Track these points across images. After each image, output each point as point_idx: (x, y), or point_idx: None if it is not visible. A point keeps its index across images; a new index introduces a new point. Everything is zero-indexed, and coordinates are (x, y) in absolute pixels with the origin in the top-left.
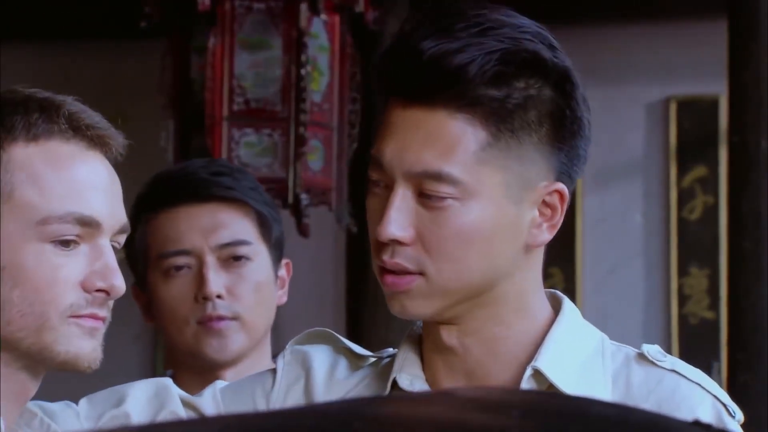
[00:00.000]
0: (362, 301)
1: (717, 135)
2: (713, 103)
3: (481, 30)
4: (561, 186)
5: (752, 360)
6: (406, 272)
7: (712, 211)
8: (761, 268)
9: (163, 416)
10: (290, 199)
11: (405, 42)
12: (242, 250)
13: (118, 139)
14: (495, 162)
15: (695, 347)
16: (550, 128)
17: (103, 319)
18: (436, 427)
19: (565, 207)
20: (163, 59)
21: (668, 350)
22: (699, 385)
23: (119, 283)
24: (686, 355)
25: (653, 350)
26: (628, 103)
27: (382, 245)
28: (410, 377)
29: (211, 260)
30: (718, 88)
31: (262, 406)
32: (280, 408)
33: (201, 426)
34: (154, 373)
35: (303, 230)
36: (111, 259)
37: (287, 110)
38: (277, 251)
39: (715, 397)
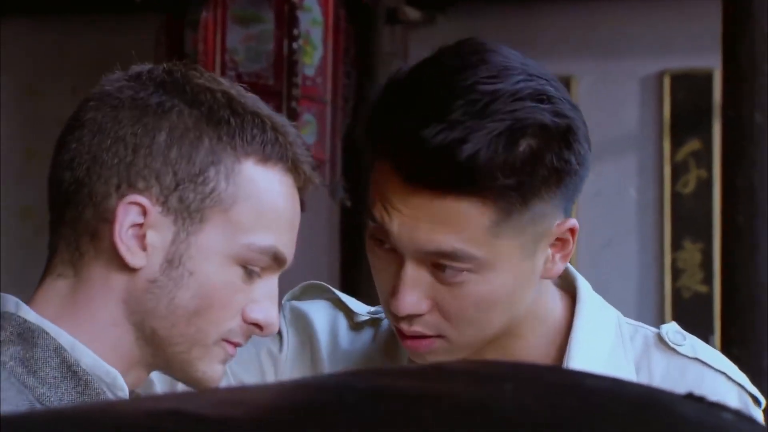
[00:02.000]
0: (357, 275)
1: (711, 109)
2: (707, 77)
3: (479, 109)
4: (572, 222)
5: (745, 334)
6: (426, 336)
7: (705, 185)
8: (755, 242)
9: (181, 387)
10: None
11: (402, 125)
12: None
13: (316, 181)
14: (508, 233)
15: (689, 321)
16: (557, 180)
17: (238, 347)
18: (431, 400)
19: (576, 237)
20: (157, 34)
21: (662, 324)
22: (724, 374)
23: (277, 322)
24: None
25: (672, 332)
26: (623, 77)
27: (397, 316)
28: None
29: None
30: (713, 62)
31: (269, 370)
32: (269, 382)
33: (197, 399)
34: None
35: None
36: (276, 298)
37: (279, 84)
38: None
39: (740, 386)
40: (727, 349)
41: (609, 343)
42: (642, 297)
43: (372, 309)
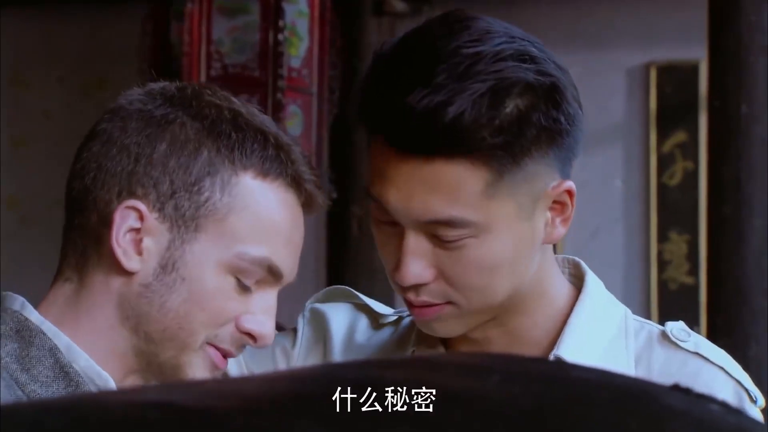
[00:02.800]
0: (343, 266)
1: (697, 100)
2: (693, 68)
3: (462, 71)
4: (568, 184)
5: (731, 325)
6: (434, 304)
7: (692, 176)
8: (741, 233)
9: None
10: None
11: (388, 93)
12: None
13: (321, 201)
14: (502, 193)
15: (675, 312)
16: (548, 139)
17: (227, 357)
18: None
19: (575, 200)
20: (143, 24)
21: (647, 316)
22: (722, 369)
23: (271, 335)
24: (665, 321)
25: (677, 329)
26: (609, 69)
27: (403, 287)
28: (430, 349)
29: None
30: (699, 53)
31: (282, 365)
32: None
33: (182, 390)
34: None
35: None
36: (273, 312)
37: (265, 76)
38: None
39: (737, 381)
40: (713, 340)
41: (609, 335)
42: (628, 288)
43: (399, 309)
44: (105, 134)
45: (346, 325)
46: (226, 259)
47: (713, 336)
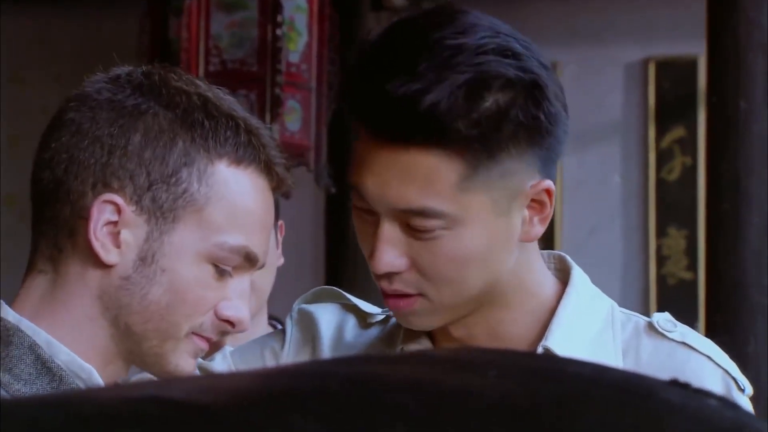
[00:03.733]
0: (341, 261)
1: (696, 96)
2: (692, 64)
3: (442, 61)
4: (547, 184)
5: (729, 321)
6: (407, 295)
7: (690, 172)
8: (739, 229)
9: None
10: None
11: (370, 80)
12: None
13: (290, 182)
14: (477, 187)
15: (673, 308)
16: (527, 136)
17: (210, 343)
18: (412, 387)
19: (554, 200)
20: (141, 20)
21: (646, 312)
22: (709, 358)
23: (248, 319)
24: None
25: (663, 319)
26: (607, 64)
27: (379, 275)
28: (418, 346)
29: None
30: (697, 49)
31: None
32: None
33: (176, 385)
34: None
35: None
36: (248, 296)
37: (263, 71)
38: (277, 213)
39: (725, 370)
40: (711, 336)
41: (596, 328)
42: (627, 284)
43: (387, 308)
44: (74, 124)
45: (334, 326)
46: (205, 249)
47: (712, 332)
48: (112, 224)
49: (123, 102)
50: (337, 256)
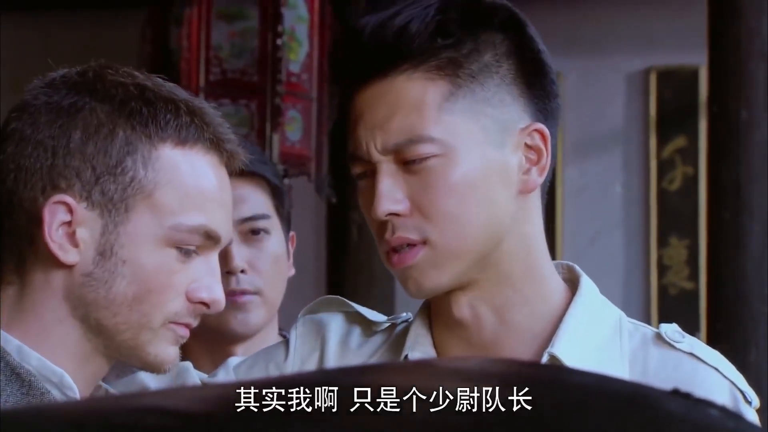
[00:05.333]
0: (342, 271)
1: (697, 105)
2: (693, 74)
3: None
4: (540, 125)
5: (731, 330)
6: (410, 245)
7: (691, 181)
8: (741, 238)
9: None
10: None
11: (348, 31)
12: (261, 224)
13: (242, 156)
14: (464, 110)
15: (675, 317)
16: (511, 67)
17: (190, 328)
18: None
19: (550, 147)
20: (142, 30)
21: (647, 321)
22: (716, 370)
23: (222, 298)
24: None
25: (671, 330)
26: (609, 74)
27: (383, 227)
28: (422, 355)
29: (233, 235)
30: (698, 59)
31: None
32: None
33: (178, 395)
34: None
35: None
36: (218, 274)
37: (264, 81)
38: (288, 223)
39: (732, 383)
40: (713, 345)
41: (603, 336)
42: (628, 293)
43: (392, 316)
44: (17, 133)
45: (340, 334)
46: (162, 234)
47: (713, 341)
48: (67, 224)
49: (59, 102)
50: (339, 265)
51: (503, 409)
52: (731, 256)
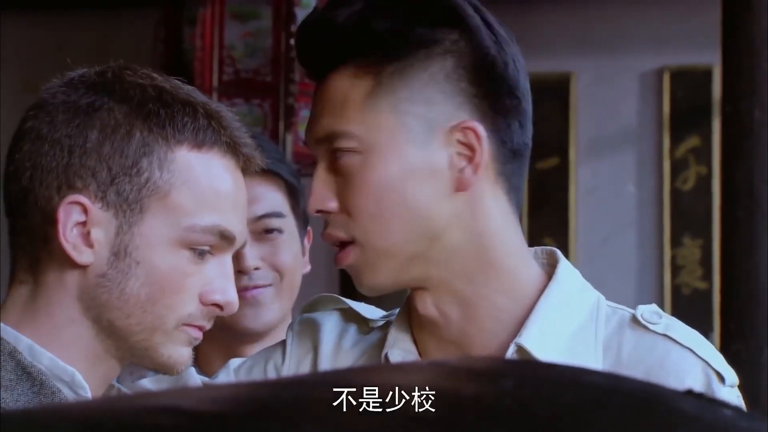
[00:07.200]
0: None
1: (710, 105)
2: (707, 73)
3: None
4: (472, 123)
5: (745, 330)
6: (343, 243)
7: (705, 181)
8: (754, 238)
9: None
10: None
11: (297, 30)
12: (275, 223)
13: (258, 160)
14: (385, 107)
15: (688, 317)
16: (446, 64)
17: (203, 330)
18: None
19: (484, 144)
20: (156, 30)
21: None
22: (690, 350)
23: (235, 300)
24: None
25: (648, 312)
26: (622, 73)
27: (324, 223)
28: (402, 352)
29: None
30: (712, 58)
31: None
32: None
33: (189, 395)
34: None
35: None
36: (231, 276)
37: (277, 81)
38: (304, 222)
39: (706, 362)
40: (726, 345)
41: (577, 323)
42: (641, 293)
43: (387, 313)
44: (33, 131)
45: (336, 333)
46: (177, 235)
47: (727, 341)
48: (81, 225)
49: (77, 102)
50: None
51: (514, 409)
52: (745, 256)
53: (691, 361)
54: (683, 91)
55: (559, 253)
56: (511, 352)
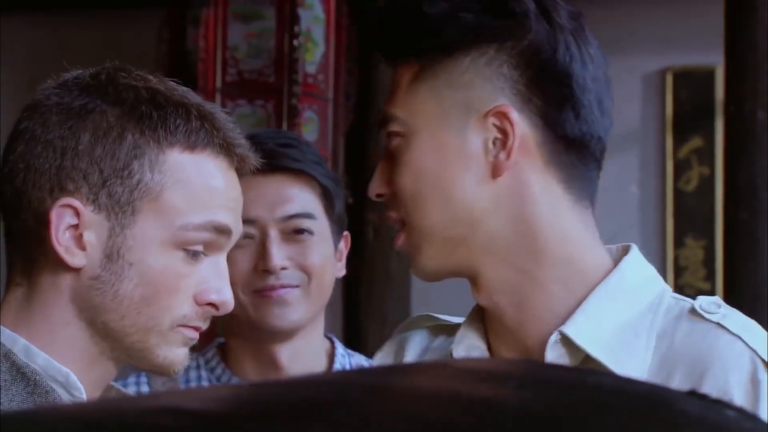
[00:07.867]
0: (359, 273)
1: (713, 106)
2: (710, 74)
3: None
4: (505, 108)
5: None
6: (398, 227)
7: (708, 182)
8: (757, 239)
9: None
10: None
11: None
12: (306, 224)
13: (253, 160)
14: (425, 90)
15: None
16: (487, 51)
17: (200, 331)
18: (432, 397)
19: (517, 130)
20: (159, 30)
21: None
22: (740, 338)
23: (231, 299)
24: None
25: (707, 302)
26: (625, 74)
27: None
28: (467, 348)
29: (273, 233)
30: (715, 59)
31: None
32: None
33: (194, 395)
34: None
35: None
36: (226, 275)
37: (280, 81)
38: (339, 225)
39: (754, 351)
40: None
41: (631, 314)
42: None
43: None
44: (27, 132)
45: (421, 347)
46: (170, 235)
47: None
48: (73, 228)
49: (71, 104)
50: (355, 267)
51: (517, 411)
52: (747, 257)
53: (740, 349)
54: (686, 91)
55: (633, 247)
56: (553, 340)
